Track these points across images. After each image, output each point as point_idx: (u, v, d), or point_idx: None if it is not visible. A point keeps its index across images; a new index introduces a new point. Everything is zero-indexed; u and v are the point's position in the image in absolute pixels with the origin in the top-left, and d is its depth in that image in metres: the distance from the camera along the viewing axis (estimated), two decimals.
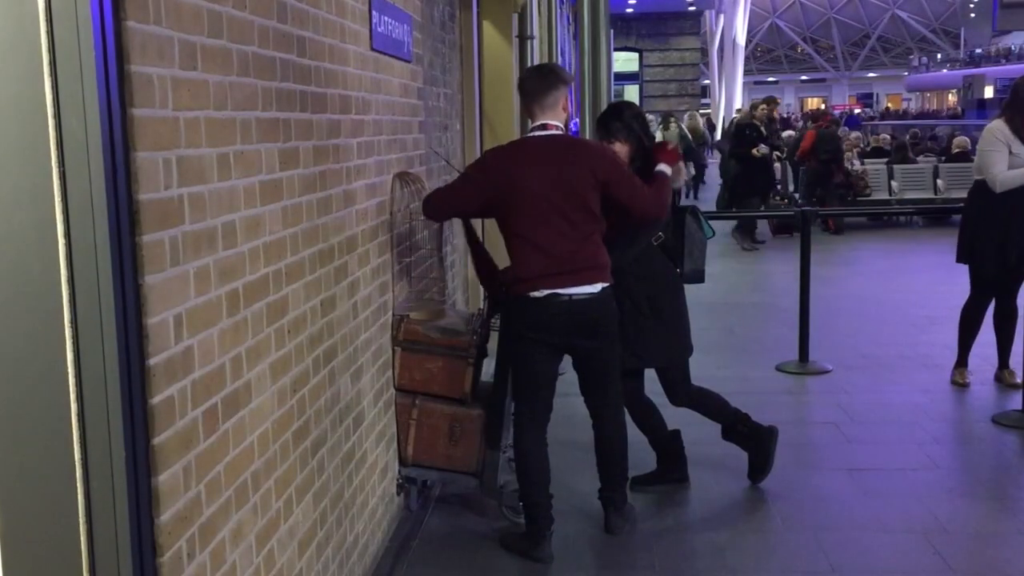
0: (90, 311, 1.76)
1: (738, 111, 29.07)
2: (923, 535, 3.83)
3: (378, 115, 3.69)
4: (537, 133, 3.68)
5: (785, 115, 41.54)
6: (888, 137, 17.48)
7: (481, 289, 6.80)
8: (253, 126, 2.41)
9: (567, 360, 3.86)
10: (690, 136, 17.44)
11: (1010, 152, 5.34)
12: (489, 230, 7.09)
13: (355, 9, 3.40)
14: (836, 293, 8.65)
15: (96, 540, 1.82)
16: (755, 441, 4.35)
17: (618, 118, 4.07)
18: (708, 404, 4.36)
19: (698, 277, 4.27)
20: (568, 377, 6.16)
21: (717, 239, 5.23)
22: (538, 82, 3.69)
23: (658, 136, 15.74)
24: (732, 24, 39.54)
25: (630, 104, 4.34)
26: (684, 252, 4.19)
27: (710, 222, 4.40)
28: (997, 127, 5.44)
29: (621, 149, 4.00)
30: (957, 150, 14.81)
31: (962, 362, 5.88)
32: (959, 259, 5.67)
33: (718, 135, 21.22)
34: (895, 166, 14.30)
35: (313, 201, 2.90)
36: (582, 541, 3.88)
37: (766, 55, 71.88)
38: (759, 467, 4.35)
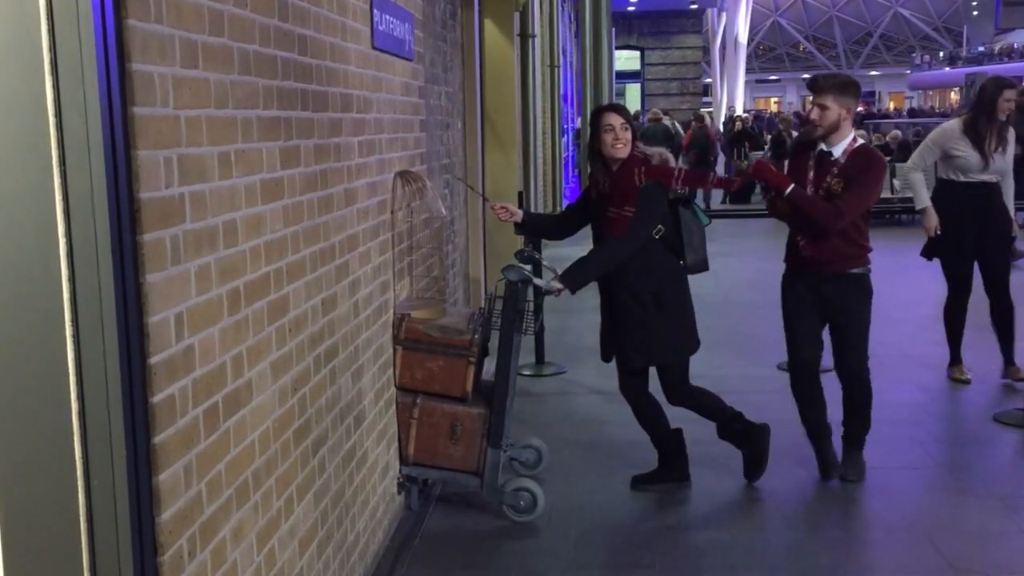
0: (91, 310, 1.76)
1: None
2: (924, 534, 3.83)
3: (379, 114, 3.69)
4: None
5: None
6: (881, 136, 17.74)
7: (483, 288, 6.80)
8: (254, 125, 2.41)
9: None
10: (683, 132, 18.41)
11: (950, 153, 5.54)
12: (492, 229, 7.10)
13: (356, 7, 3.40)
14: None
15: (97, 539, 1.82)
16: (750, 439, 4.35)
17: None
18: (705, 403, 4.35)
19: (702, 266, 4.28)
20: (569, 376, 6.17)
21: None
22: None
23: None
24: (734, 22, 39.51)
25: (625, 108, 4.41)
26: (684, 243, 4.20)
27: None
28: (948, 126, 5.66)
29: (624, 132, 4.05)
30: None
31: (956, 359, 5.91)
32: (922, 253, 5.85)
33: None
34: (897, 165, 14.28)
35: (314, 200, 2.89)
36: (583, 539, 3.88)
37: (768, 53, 71.79)
38: (755, 466, 4.36)
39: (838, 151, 4.22)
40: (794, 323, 4.40)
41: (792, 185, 4.15)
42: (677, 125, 19.33)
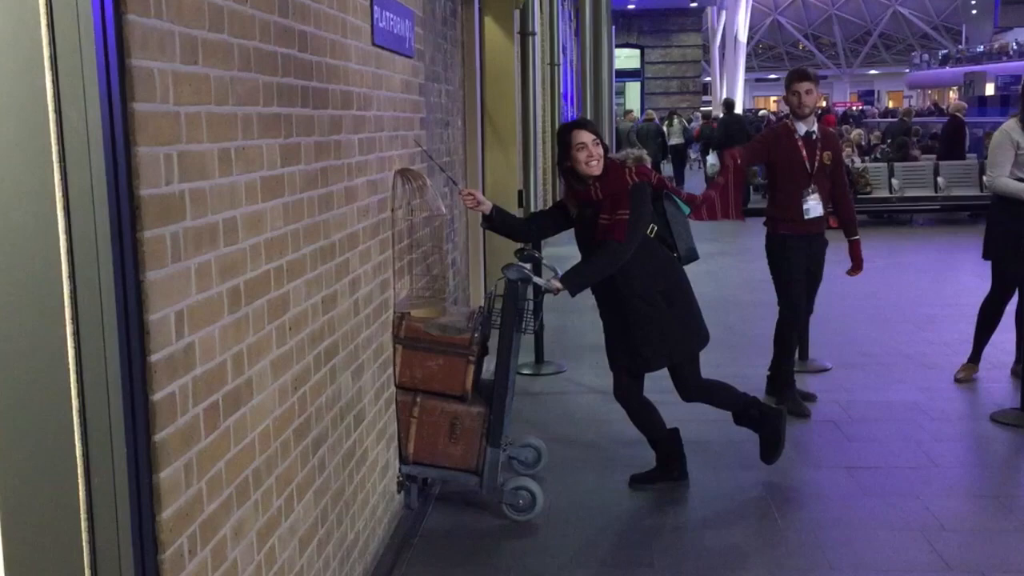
0: (91, 307, 1.75)
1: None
2: (921, 533, 3.83)
3: (379, 111, 3.68)
4: None
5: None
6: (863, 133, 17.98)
7: (483, 287, 6.80)
8: (254, 121, 2.40)
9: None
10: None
11: (1018, 150, 5.39)
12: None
13: (357, 4, 3.39)
14: (836, 291, 8.63)
15: (97, 537, 1.82)
16: (766, 423, 4.37)
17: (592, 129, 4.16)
18: (719, 395, 4.36)
19: (693, 255, 4.33)
20: (568, 375, 6.17)
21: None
22: None
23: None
24: (734, 21, 39.53)
25: None
26: (674, 235, 4.21)
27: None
28: (1008, 127, 5.50)
29: (596, 148, 4.05)
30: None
31: (977, 357, 5.89)
32: (985, 255, 5.71)
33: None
34: (895, 164, 14.30)
35: (314, 197, 2.89)
36: (582, 538, 3.88)
37: (767, 52, 71.77)
38: (772, 448, 4.37)
39: (814, 129, 5.23)
40: (796, 281, 5.32)
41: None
42: (686, 123, 22.37)
